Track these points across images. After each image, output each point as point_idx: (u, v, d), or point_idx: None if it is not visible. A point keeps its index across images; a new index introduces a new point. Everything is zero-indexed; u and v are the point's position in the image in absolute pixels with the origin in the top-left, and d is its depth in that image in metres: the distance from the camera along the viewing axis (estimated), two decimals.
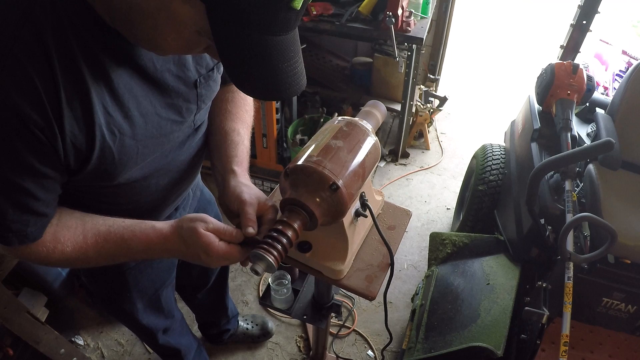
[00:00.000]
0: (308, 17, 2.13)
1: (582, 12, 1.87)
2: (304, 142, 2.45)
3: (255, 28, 0.56)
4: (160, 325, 1.35)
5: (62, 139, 0.62)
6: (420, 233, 2.46)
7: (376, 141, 0.90)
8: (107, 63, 0.64)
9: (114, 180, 0.75)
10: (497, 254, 1.77)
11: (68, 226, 0.74)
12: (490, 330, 1.44)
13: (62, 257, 0.74)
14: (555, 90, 1.71)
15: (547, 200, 1.52)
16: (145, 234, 0.77)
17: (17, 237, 0.68)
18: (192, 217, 0.76)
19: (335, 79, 2.94)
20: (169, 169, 0.87)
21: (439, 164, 2.93)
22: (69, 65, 0.60)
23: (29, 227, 0.68)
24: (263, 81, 0.61)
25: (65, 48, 0.59)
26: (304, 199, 0.77)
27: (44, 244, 0.72)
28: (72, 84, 0.61)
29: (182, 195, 1.01)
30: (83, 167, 0.68)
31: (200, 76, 0.81)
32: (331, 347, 1.94)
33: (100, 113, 0.65)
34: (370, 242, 1.00)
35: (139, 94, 0.70)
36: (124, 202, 0.86)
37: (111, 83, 0.65)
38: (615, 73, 2.87)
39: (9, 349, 1.52)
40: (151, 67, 0.71)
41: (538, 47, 4.24)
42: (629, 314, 1.44)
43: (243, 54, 0.58)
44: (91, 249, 0.75)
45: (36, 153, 0.62)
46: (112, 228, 0.76)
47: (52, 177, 0.66)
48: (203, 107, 0.86)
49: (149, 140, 0.75)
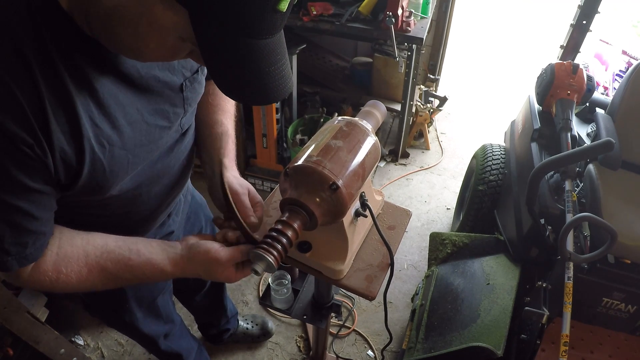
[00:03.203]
0: (308, 17, 2.13)
1: (582, 12, 1.87)
2: (304, 142, 2.45)
3: (241, 32, 0.55)
4: (160, 331, 1.35)
5: (52, 155, 0.60)
6: (420, 233, 2.46)
7: (376, 141, 0.90)
8: (91, 73, 0.62)
9: (105, 193, 0.73)
10: (497, 254, 1.77)
11: (69, 256, 0.72)
12: (490, 330, 1.44)
13: (68, 286, 0.72)
14: (555, 90, 1.71)
15: (547, 200, 1.52)
16: (156, 266, 0.77)
17: (16, 260, 0.66)
18: (191, 240, 0.80)
19: (335, 79, 2.95)
20: (159, 176, 0.86)
21: (439, 164, 2.93)
22: (52, 78, 0.58)
23: (28, 248, 0.66)
24: (250, 86, 0.60)
25: (46, 61, 0.57)
26: (303, 198, 0.77)
27: (45, 273, 0.70)
28: (57, 97, 0.59)
29: (174, 202, 1.00)
30: (74, 182, 0.66)
31: (186, 79, 0.79)
32: (331, 347, 1.94)
33: (88, 125, 0.63)
34: (370, 242, 1.00)
35: (125, 102, 0.69)
36: (115, 214, 0.84)
37: (96, 93, 0.64)
38: (615, 73, 2.87)
39: (9, 349, 1.52)
40: (136, 74, 0.69)
41: (538, 47, 4.24)
42: (629, 314, 1.44)
43: (229, 59, 0.57)
44: (98, 280, 0.74)
45: (28, 171, 0.60)
46: (119, 262, 0.75)
47: (46, 193, 0.65)
48: (189, 110, 0.84)
49: (139, 148, 0.74)
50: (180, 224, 1.11)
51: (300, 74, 2.56)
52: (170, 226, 1.06)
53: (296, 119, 2.55)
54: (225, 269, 0.77)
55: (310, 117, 2.54)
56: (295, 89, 2.52)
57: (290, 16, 0.58)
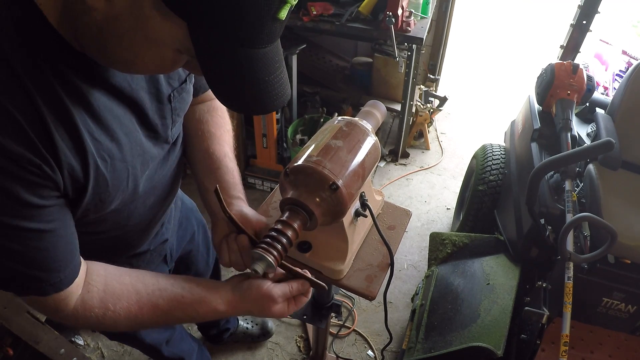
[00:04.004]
0: (308, 17, 2.13)
1: (582, 12, 1.87)
2: (304, 142, 2.45)
3: (241, 43, 0.54)
4: (162, 339, 1.35)
5: (61, 172, 0.59)
6: (420, 233, 2.46)
7: (376, 141, 0.90)
8: (84, 87, 0.61)
9: (106, 208, 0.71)
10: (497, 254, 1.77)
11: (118, 294, 0.70)
12: (490, 330, 1.44)
13: (116, 323, 0.71)
14: (555, 90, 1.71)
15: (547, 200, 1.52)
16: (210, 305, 0.76)
17: (51, 286, 0.63)
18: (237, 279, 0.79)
19: (335, 79, 2.95)
20: (153, 187, 0.84)
21: (439, 164, 2.93)
22: (49, 95, 0.56)
23: (61, 271, 0.64)
24: (250, 97, 0.59)
25: (40, 77, 0.55)
26: (303, 198, 0.77)
27: (92, 309, 0.69)
28: (56, 114, 0.57)
29: (167, 212, 0.99)
30: (80, 198, 0.65)
31: (174, 90, 0.78)
32: (331, 347, 1.94)
33: (89, 140, 0.62)
34: (370, 242, 1.00)
35: (119, 114, 0.67)
36: (112, 229, 0.82)
37: (91, 107, 0.62)
38: (615, 73, 2.88)
39: (9, 348, 1.52)
40: (127, 87, 0.68)
41: (538, 47, 4.25)
42: (629, 314, 1.44)
43: (228, 70, 0.56)
44: (147, 318, 0.73)
45: (39, 191, 0.58)
46: (172, 300, 0.74)
47: (61, 205, 0.63)
48: (178, 120, 0.83)
49: (136, 159, 0.73)
50: (172, 230, 1.10)
51: (300, 74, 2.55)
52: (164, 235, 1.05)
53: (296, 119, 2.55)
54: (277, 304, 0.77)
55: (310, 117, 2.54)
56: (295, 89, 2.52)
57: (291, 16, 0.58)
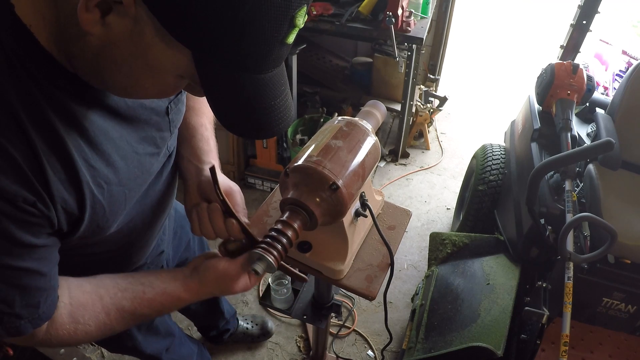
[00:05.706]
0: (308, 17, 2.12)
1: (582, 12, 1.87)
2: (304, 142, 2.45)
3: (247, 69, 0.52)
4: (162, 347, 1.35)
5: (54, 207, 0.57)
6: (420, 233, 2.46)
7: (376, 141, 0.90)
8: (78, 111, 0.58)
9: (105, 232, 0.70)
10: (497, 254, 1.77)
11: (83, 304, 0.68)
12: (490, 330, 1.44)
13: (87, 335, 0.69)
14: (555, 90, 1.71)
15: (547, 200, 1.52)
16: (171, 294, 0.76)
17: (30, 322, 0.61)
18: (196, 262, 0.78)
19: (335, 79, 2.94)
20: (151, 203, 0.83)
21: (439, 164, 2.93)
22: (40, 123, 0.53)
23: (40, 307, 0.61)
24: (255, 122, 0.58)
25: (32, 106, 0.53)
26: (303, 198, 0.77)
27: (63, 327, 0.66)
28: (49, 144, 0.55)
29: (164, 223, 0.98)
30: (76, 229, 0.63)
31: (171, 102, 0.76)
32: (331, 347, 1.94)
33: (84, 169, 0.59)
34: (370, 242, 1.00)
35: (114, 136, 0.65)
36: (112, 249, 0.81)
37: (86, 132, 0.59)
38: (615, 73, 2.88)
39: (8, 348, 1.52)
40: (123, 106, 0.66)
41: (538, 47, 4.24)
42: (629, 314, 1.44)
43: (234, 96, 0.54)
44: (116, 322, 0.71)
45: (32, 229, 0.56)
46: (135, 298, 0.72)
47: (51, 246, 0.61)
48: (174, 131, 0.82)
49: (133, 181, 0.71)
50: (168, 241, 1.10)
51: (300, 74, 2.55)
52: (160, 246, 1.04)
53: (296, 119, 2.55)
54: (238, 280, 0.76)
55: (310, 117, 2.54)
56: (295, 89, 2.52)
57: None
